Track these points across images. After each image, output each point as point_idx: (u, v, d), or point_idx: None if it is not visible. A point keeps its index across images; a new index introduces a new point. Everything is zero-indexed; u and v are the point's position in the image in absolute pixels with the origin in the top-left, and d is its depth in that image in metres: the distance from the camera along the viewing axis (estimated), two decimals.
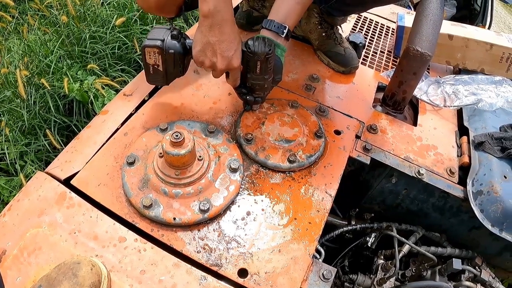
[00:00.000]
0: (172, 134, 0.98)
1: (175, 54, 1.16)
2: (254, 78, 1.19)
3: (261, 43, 1.11)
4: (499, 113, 1.58)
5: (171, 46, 1.14)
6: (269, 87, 1.25)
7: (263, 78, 1.19)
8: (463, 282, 1.31)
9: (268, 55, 1.12)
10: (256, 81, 1.20)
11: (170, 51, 1.14)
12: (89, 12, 2.38)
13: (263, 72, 1.17)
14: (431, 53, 1.35)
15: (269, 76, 1.20)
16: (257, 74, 1.17)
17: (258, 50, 1.11)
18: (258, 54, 1.11)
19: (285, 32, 1.20)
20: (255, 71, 1.16)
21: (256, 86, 1.22)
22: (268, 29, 1.20)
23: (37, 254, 0.95)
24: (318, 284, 1.00)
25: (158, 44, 1.13)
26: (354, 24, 2.07)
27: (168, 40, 1.14)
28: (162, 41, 1.13)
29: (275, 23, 1.19)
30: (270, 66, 1.16)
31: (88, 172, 1.11)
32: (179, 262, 0.97)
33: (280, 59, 1.22)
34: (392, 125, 1.47)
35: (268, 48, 1.11)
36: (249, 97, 1.25)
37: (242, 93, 1.25)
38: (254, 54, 1.12)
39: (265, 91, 1.26)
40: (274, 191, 1.15)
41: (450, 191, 1.30)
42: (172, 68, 1.20)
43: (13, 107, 2.00)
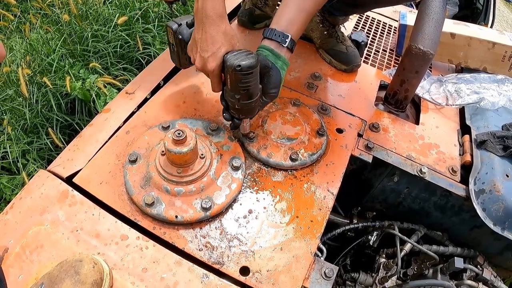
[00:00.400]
0: (174, 132, 0.98)
1: (181, 41, 1.17)
2: (227, 92, 1.07)
3: (239, 56, 0.99)
4: (501, 111, 1.58)
5: (181, 32, 1.16)
6: (245, 110, 1.09)
7: (233, 96, 1.04)
8: (465, 281, 1.31)
9: (236, 71, 0.97)
10: (228, 97, 1.07)
11: (179, 36, 1.17)
12: (91, 11, 2.38)
13: (233, 89, 1.03)
14: (433, 51, 1.34)
15: (242, 97, 1.04)
16: (228, 89, 1.05)
17: (227, 62, 1.00)
18: (227, 67, 1.00)
19: (288, 41, 1.08)
20: (227, 84, 1.05)
21: (229, 103, 1.09)
22: (269, 38, 1.08)
23: (39, 252, 0.95)
24: (320, 282, 1.00)
25: (173, 27, 1.17)
26: (356, 22, 2.07)
27: (183, 26, 1.16)
28: (179, 25, 1.16)
29: (276, 32, 1.08)
30: (242, 86, 1.01)
31: (90, 170, 1.11)
32: (181, 260, 0.97)
33: (280, 72, 1.08)
34: (394, 124, 1.46)
35: (239, 62, 0.97)
36: (225, 114, 1.13)
37: (223, 105, 1.13)
38: (225, 64, 1.02)
39: (240, 113, 1.10)
40: (276, 189, 1.15)
41: (452, 189, 1.30)
42: (181, 53, 1.22)
43: (15, 105, 2.00)
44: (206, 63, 1.05)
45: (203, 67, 1.07)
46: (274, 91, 1.10)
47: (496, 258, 1.44)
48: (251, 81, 1.01)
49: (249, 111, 1.10)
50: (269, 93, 1.10)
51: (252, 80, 1.01)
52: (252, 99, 1.05)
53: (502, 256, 1.41)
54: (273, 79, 1.08)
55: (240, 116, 1.12)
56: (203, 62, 1.06)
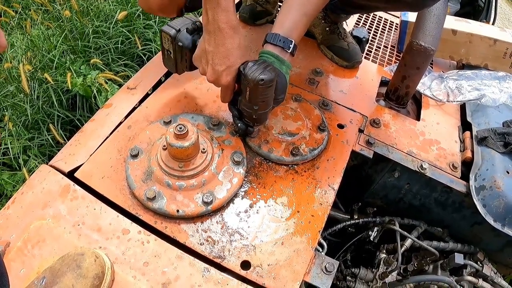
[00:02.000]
0: (175, 127, 0.98)
1: (182, 47, 1.15)
2: (243, 103, 1.08)
3: (258, 69, 0.99)
4: (502, 108, 1.58)
5: (182, 39, 1.13)
6: (261, 119, 1.13)
7: (251, 107, 1.07)
8: (465, 277, 1.31)
9: (259, 85, 0.99)
10: (245, 107, 1.09)
11: (179, 43, 1.14)
12: (92, 7, 2.38)
13: (252, 101, 1.05)
14: (434, 48, 1.34)
15: (260, 108, 1.07)
16: (246, 100, 1.06)
17: (249, 76, 0.99)
18: (248, 80, 1.00)
19: (291, 47, 1.08)
20: (245, 97, 1.06)
21: (244, 112, 1.11)
22: (273, 44, 1.08)
23: (41, 246, 0.95)
24: (320, 277, 1.00)
25: (171, 33, 1.13)
26: (357, 18, 2.06)
27: (182, 32, 1.13)
28: (177, 31, 1.13)
29: (280, 37, 1.07)
30: (262, 97, 1.03)
31: (91, 165, 1.12)
32: (182, 254, 0.97)
33: (285, 77, 1.10)
34: (395, 120, 1.47)
35: (262, 76, 0.98)
36: (239, 123, 1.15)
37: (234, 114, 1.15)
38: (245, 78, 1.01)
39: (256, 122, 1.14)
40: (277, 184, 1.15)
41: (452, 186, 1.30)
42: (180, 61, 1.20)
43: (16, 101, 2.01)
44: (220, 77, 1.05)
45: (216, 80, 1.06)
46: (281, 96, 1.12)
47: (496, 255, 1.44)
48: (269, 92, 1.03)
49: (264, 118, 1.14)
50: (277, 99, 1.11)
51: (270, 91, 1.03)
52: (268, 108, 1.09)
53: (503, 252, 1.42)
54: (280, 85, 1.08)
55: (255, 124, 1.16)
56: (216, 75, 1.05)
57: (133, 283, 0.92)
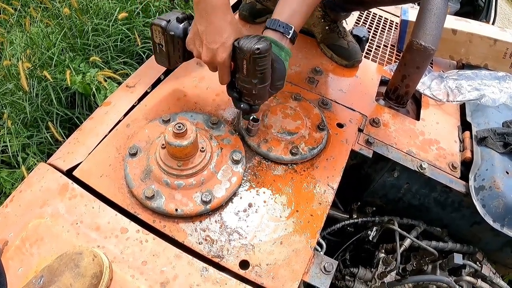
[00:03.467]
0: (174, 125, 0.98)
1: (174, 36, 1.14)
2: (241, 79, 1.06)
3: (252, 40, 0.98)
4: (502, 108, 1.58)
5: (173, 28, 1.13)
6: (261, 95, 1.10)
7: (250, 82, 1.04)
8: (463, 277, 1.31)
9: (255, 55, 0.97)
10: (244, 83, 1.06)
11: (171, 32, 1.13)
12: (91, 5, 2.37)
13: (250, 75, 1.03)
14: (434, 47, 1.34)
15: (259, 82, 1.04)
16: (244, 75, 1.04)
17: (244, 46, 0.98)
18: (244, 52, 0.98)
19: (291, 32, 1.07)
20: (242, 71, 1.03)
21: (244, 90, 1.08)
22: (272, 29, 1.07)
23: (39, 245, 0.95)
24: (319, 277, 1.00)
25: (162, 24, 1.12)
26: (357, 17, 2.06)
27: (172, 22, 1.13)
28: (167, 21, 1.13)
29: (280, 22, 1.06)
30: (259, 69, 1.01)
31: (90, 163, 1.11)
32: (181, 253, 0.97)
33: (284, 64, 1.08)
34: (394, 119, 1.46)
35: (257, 46, 0.96)
36: (240, 104, 1.13)
37: (233, 96, 1.13)
38: (240, 50, 1.00)
39: (256, 98, 1.11)
40: (276, 183, 1.15)
41: (452, 185, 1.30)
42: (173, 52, 1.19)
43: (15, 99, 2.00)
44: (215, 55, 1.03)
45: (212, 59, 1.05)
46: (280, 83, 1.10)
47: (495, 255, 1.44)
48: (266, 63, 1.01)
49: (264, 95, 1.11)
50: (276, 85, 1.10)
51: (267, 62, 1.01)
52: (267, 81, 1.06)
53: (501, 252, 1.42)
54: (278, 71, 1.07)
55: (256, 102, 1.12)
56: (211, 53, 1.03)
57: (132, 282, 0.91)
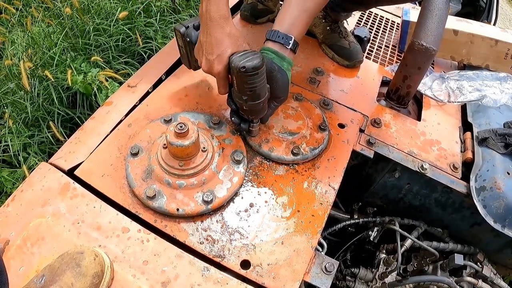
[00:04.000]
0: (176, 125, 0.98)
1: (189, 43, 1.17)
2: (234, 94, 1.07)
3: (244, 57, 0.98)
4: (503, 109, 1.58)
5: (189, 35, 1.15)
6: (255, 111, 1.09)
7: (240, 98, 1.04)
8: (464, 278, 1.31)
9: (241, 73, 0.97)
10: (236, 98, 1.07)
11: (187, 39, 1.16)
12: (93, 5, 2.37)
13: (240, 90, 1.03)
14: (436, 48, 1.34)
15: (249, 98, 1.03)
16: (235, 90, 1.05)
17: (232, 63, 0.99)
18: (232, 68, 1.00)
19: (291, 43, 1.09)
20: (234, 86, 1.05)
21: (238, 104, 1.09)
22: (272, 40, 1.09)
23: (40, 244, 0.95)
24: (320, 277, 1.00)
25: (181, 30, 1.16)
26: (359, 18, 2.06)
27: (190, 28, 1.15)
28: (186, 28, 1.16)
29: (280, 33, 1.09)
30: (248, 86, 1.00)
31: (91, 163, 1.11)
32: (182, 253, 0.97)
33: (287, 74, 1.09)
34: (396, 120, 1.46)
35: (244, 64, 0.96)
36: (234, 118, 1.15)
37: (231, 108, 1.14)
38: (230, 66, 1.02)
39: (249, 114, 1.10)
40: (277, 183, 1.15)
41: (453, 186, 1.30)
42: (190, 56, 1.22)
43: (16, 99, 2.00)
44: (212, 66, 1.05)
45: (209, 70, 1.07)
46: (282, 95, 1.12)
47: (496, 256, 1.44)
48: (256, 81, 1.00)
49: (258, 111, 1.10)
50: (278, 98, 1.11)
51: (258, 81, 1.00)
52: (259, 99, 1.05)
53: (502, 253, 1.42)
54: (281, 83, 1.08)
55: (250, 117, 1.13)
56: (209, 64, 1.06)
57: (133, 282, 0.91)
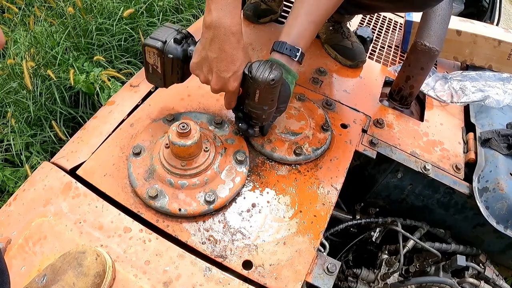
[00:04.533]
0: (178, 125, 0.97)
1: (173, 59, 1.07)
2: (251, 105, 1.05)
3: (265, 70, 0.97)
4: (506, 110, 1.58)
5: (171, 51, 1.05)
6: (268, 118, 1.11)
7: (261, 108, 1.05)
8: (467, 279, 1.31)
9: (270, 86, 0.97)
10: (254, 109, 1.06)
11: (169, 55, 1.06)
12: (95, 4, 2.38)
13: (262, 102, 1.03)
14: (439, 48, 1.34)
15: (269, 107, 1.05)
16: (255, 102, 1.03)
17: (259, 78, 0.96)
18: (258, 82, 0.97)
19: (298, 55, 1.06)
20: (254, 99, 1.02)
21: (253, 114, 1.09)
22: (279, 52, 1.06)
23: (42, 244, 0.95)
24: (322, 277, 1.00)
25: (158, 46, 1.04)
26: (362, 18, 2.06)
27: (169, 43, 1.05)
28: (163, 43, 1.04)
29: (287, 45, 1.05)
30: (271, 96, 1.02)
31: (94, 163, 1.11)
32: (184, 253, 0.97)
33: (290, 87, 1.08)
34: (398, 120, 1.46)
35: (272, 76, 0.96)
36: (241, 124, 1.14)
37: (238, 117, 1.14)
38: (254, 80, 0.98)
39: (263, 121, 1.12)
40: (280, 184, 1.15)
41: (455, 187, 1.30)
42: (170, 74, 1.12)
43: (19, 98, 2.00)
44: (227, 84, 1.01)
45: (222, 87, 1.02)
46: (283, 105, 1.11)
47: (498, 257, 1.44)
48: (277, 91, 1.02)
49: (270, 117, 1.11)
50: (279, 108, 1.10)
51: (278, 89, 1.02)
52: (275, 106, 1.07)
53: (505, 254, 1.41)
54: (284, 94, 1.07)
55: (263, 123, 1.14)
56: (223, 82, 1.01)
57: (134, 282, 0.91)
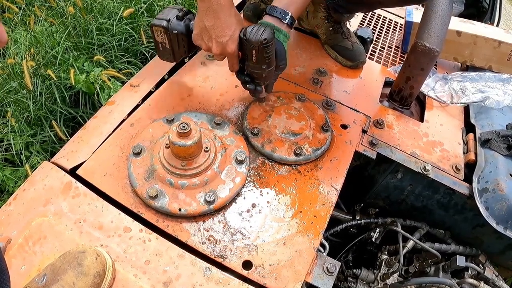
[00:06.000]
0: (179, 125, 0.98)
1: (178, 34, 1.19)
2: (251, 66, 1.17)
3: (257, 31, 1.08)
4: (506, 111, 1.58)
5: (175, 27, 1.18)
6: (270, 76, 1.21)
7: (260, 68, 1.15)
8: (466, 279, 1.31)
9: (263, 45, 1.08)
10: (254, 69, 1.17)
11: (174, 31, 1.19)
12: (95, 4, 2.38)
13: (259, 62, 1.13)
14: (439, 49, 1.34)
15: (267, 66, 1.15)
16: (254, 63, 1.14)
17: (252, 38, 1.08)
18: (252, 43, 1.08)
19: (288, 18, 1.16)
20: (252, 60, 1.14)
21: (255, 75, 1.20)
22: (270, 14, 1.17)
23: (42, 243, 0.95)
24: (322, 278, 1.00)
25: (163, 24, 1.18)
26: (362, 18, 2.06)
27: (173, 21, 1.18)
28: (167, 21, 1.18)
29: (278, 8, 1.16)
30: (267, 55, 1.12)
31: (94, 162, 1.11)
32: (184, 253, 0.97)
33: (283, 45, 1.17)
34: (398, 121, 1.46)
35: (264, 36, 1.07)
36: (249, 85, 1.24)
37: (244, 80, 1.24)
38: (248, 42, 1.09)
39: (265, 80, 1.23)
40: (280, 184, 1.15)
41: (455, 188, 1.30)
42: (177, 48, 1.24)
43: (19, 97, 2.00)
44: (225, 46, 1.12)
45: (222, 51, 1.13)
46: (282, 63, 1.20)
47: (498, 257, 1.44)
48: (272, 49, 1.12)
49: (271, 75, 1.22)
50: (279, 66, 1.20)
51: (273, 48, 1.12)
52: (273, 64, 1.17)
53: (504, 255, 1.41)
54: (279, 52, 1.16)
55: (265, 82, 1.24)
56: (222, 46, 1.12)
57: (134, 282, 0.91)
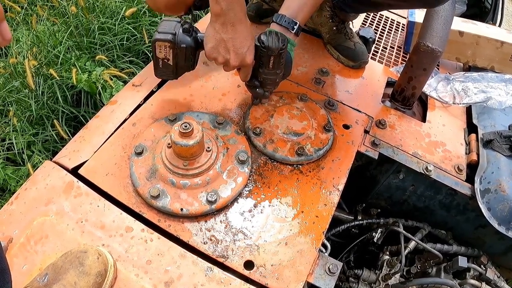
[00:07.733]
0: (181, 125, 0.98)
1: (186, 48, 1.14)
2: (266, 73, 1.18)
3: (274, 38, 1.11)
4: (508, 111, 1.57)
5: (183, 40, 1.13)
6: (279, 82, 1.25)
7: (275, 73, 1.19)
8: (468, 280, 1.31)
9: (281, 50, 1.12)
10: (268, 75, 1.19)
11: (182, 45, 1.13)
12: (98, 3, 2.38)
13: (276, 67, 1.17)
14: (441, 49, 1.34)
15: (281, 71, 1.20)
16: (270, 69, 1.17)
17: (272, 45, 1.11)
18: (272, 49, 1.11)
19: (296, 28, 1.19)
20: (268, 66, 1.16)
21: (268, 80, 1.21)
22: (278, 23, 1.18)
23: (44, 243, 0.95)
24: (324, 278, 1.00)
25: (170, 38, 1.11)
26: (364, 18, 2.05)
27: (180, 34, 1.12)
28: (174, 35, 1.11)
29: (286, 18, 1.18)
30: (282, 61, 1.16)
31: (96, 162, 1.11)
32: (186, 253, 0.97)
33: (290, 54, 1.21)
34: (400, 121, 1.46)
35: (282, 43, 1.11)
36: (259, 89, 1.24)
37: (254, 86, 1.24)
38: (267, 49, 1.11)
39: (276, 85, 1.26)
40: (282, 184, 1.15)
41: (457, 188, 1.30)
42: (183, 62, 1.19)
43: (21, 97, 2.01)
44: (244, 58, 1.11)
45: (242, 62, 1.12)
46: (288, 71, 1.25)
47: (499, 258, 1.43)
48: (285, 55, 1.16)
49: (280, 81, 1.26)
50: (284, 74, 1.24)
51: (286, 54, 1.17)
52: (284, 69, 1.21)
53: (506, 256, 1.41)
54: (287, 60, 1.20)
55: (275, 87, 1.28)
56: (241, 58, 1.11)
57: (136, 281, 0.91)
